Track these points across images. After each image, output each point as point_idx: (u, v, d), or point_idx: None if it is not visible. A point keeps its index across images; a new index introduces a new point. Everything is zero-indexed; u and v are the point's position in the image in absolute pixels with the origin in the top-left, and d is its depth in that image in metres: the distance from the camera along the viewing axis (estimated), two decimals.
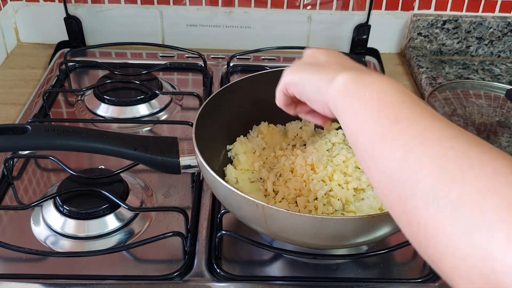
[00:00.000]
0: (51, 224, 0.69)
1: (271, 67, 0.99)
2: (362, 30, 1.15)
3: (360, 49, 1.18)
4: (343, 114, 0.47)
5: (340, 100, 0.48)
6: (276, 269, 0.66)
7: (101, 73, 1.03)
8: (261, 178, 0.72)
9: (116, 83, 0.98)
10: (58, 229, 0.68)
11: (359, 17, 1.15)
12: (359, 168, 0.73)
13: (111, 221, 0.70)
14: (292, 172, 0.70)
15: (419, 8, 1.15)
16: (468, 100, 1.00)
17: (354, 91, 0.46)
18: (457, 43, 1.18)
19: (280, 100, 0.62)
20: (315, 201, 0.66)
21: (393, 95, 0.43)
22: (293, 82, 0.58)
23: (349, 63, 0.54)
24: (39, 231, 0.69)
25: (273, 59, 1.12)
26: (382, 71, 1.12)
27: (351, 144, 0.46)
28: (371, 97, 0.44)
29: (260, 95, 0.79)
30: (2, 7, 1.12)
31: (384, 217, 0.55)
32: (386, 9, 1.15)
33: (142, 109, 0.95)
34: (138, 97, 0.95)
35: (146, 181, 0.78)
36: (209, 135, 0.70)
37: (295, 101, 0.62)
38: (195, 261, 0.65)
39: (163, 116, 0.95)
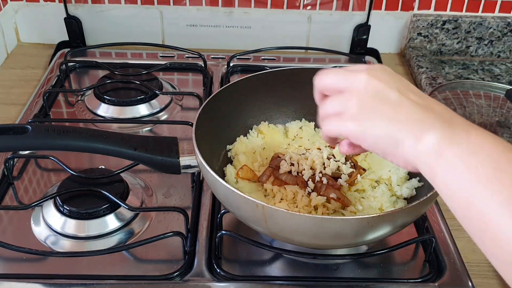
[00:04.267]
0: (51, 224, 0.69)
1: (271, 67, 0.99)
2: (362, 30, 1.15)
3: (360, 49, 1.18)
4: (442, 179, 0.41)
5: (435, 164, 0.41)
6: (276, 269, 0.66)
7: (101, 73, 1.03)
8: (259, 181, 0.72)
9: (116, 83, 0.98)
10: (58, 229, 0.69)
11: (359, 17, 1.15)
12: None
13: (111, 221, 0.70)
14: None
15: (419, 8, 1.15)
16: (468, 100, 1.00)
17: (453, 154, 0.40)
18: (457, 43, 1.18)
19: (325, 137, 0.53)
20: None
21: (502, 156, 0.38)
22: (356, 134, 0.46)
23: (428, 99, 0.45)
24: (39, 231, 0.69)
25: (273, 59, 1.12)
26: None
27: (452, 209, 0.40)
28: (481, 163, 0.38)
29: (260, 95, 0.79)
30: (2, 7, 1.12)
31: (384, 217, 0.55)
32: (386, 9, 1.15)
33: (142, 109, 0.95)
34: (138, 97, 0.95)
35: (146, 181, 0.78)
36: (209, 135, 0.70)
37: None
38: (195, 261, 0.65)
39: (163, 116, 0.95)
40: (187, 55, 1.10)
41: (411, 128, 0.42)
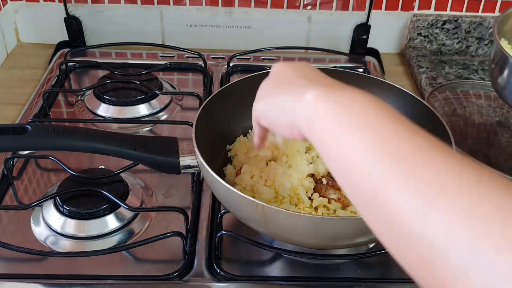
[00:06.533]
0: (51, 224, 0.69)
1: (271, 67, 0.99)
2: (362, 30, 1.15)
3: (360, 49, 1.18)
4: (318, 134, 0.41)
5: (310, 117, 0.42)
6: (276, 269, 0.66)
7: (101, 73, 1.03)
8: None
9: (116, 83, 0.98)
10: (58, 229, 0.68)
11: (359, 17, 1.15)
12: None
13: (111, 221, 0.70)
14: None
15: (419, 8, 1.15)
16: (468, 100, 1.00)
17: (327, 107, 0.40)
18: (457, 43, 1.18)
19: (257, 137, 0.58)
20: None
21: (371, 108, 0.39)
22: (262, 110, 0.51)
23: (319, 76, 0.48)
24: (39, 231, 0.69)
25: (273, 59, 1.12)
26: (382, 71, 1.12)
27: (329, 167, 0.40)
28: (350, 113, 0.39)
29: None
30: (2, 7, 1.12)
31: None
32: (386, 9, 1.15)
33: (142, 109, 0.95)
34: (138, 97, 0.95)
35: (146, 181, 0.78)
36: (209, 135, 0.70)
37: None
38: (195, 261, 0.65)
39: (163, 116, 0.95)
40: (187, 55, 1.10)
41: (294, 94, 0.45)
